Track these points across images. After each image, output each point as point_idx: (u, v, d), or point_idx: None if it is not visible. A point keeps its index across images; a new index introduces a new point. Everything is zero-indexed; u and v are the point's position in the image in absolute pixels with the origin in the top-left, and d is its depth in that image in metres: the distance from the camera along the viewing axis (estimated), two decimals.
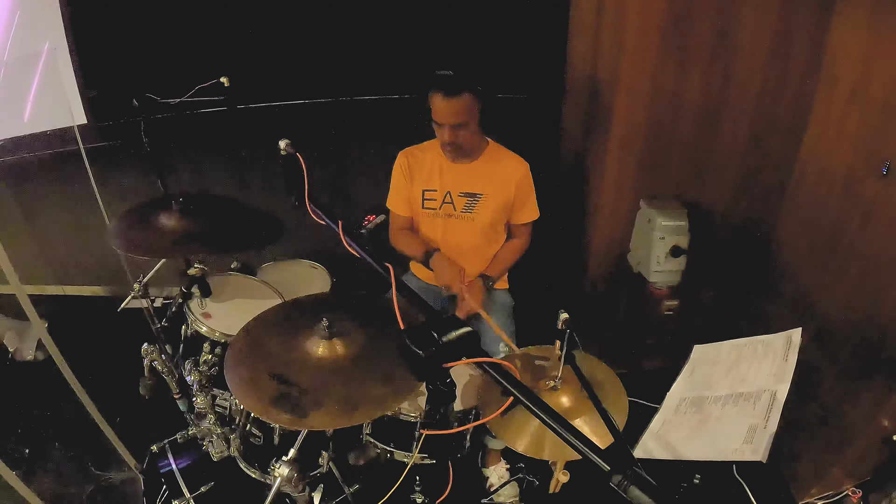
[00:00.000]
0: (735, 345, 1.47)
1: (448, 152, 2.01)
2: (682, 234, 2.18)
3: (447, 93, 1.85)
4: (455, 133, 1.92)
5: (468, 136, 1.95)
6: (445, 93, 1.85)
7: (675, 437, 1.31)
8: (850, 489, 1.93)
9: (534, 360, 1.59)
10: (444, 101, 1.86)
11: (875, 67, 1.81)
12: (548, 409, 0.86)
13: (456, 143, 1.94)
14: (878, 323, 1.81)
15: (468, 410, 1.64)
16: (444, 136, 1.93)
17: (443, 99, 1.86)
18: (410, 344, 0.93)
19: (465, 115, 1.89)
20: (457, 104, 1.87)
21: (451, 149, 1.98)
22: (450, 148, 1.97)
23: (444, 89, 1.85)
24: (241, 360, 1.39)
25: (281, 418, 1.24)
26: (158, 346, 1.93)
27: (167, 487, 1.92)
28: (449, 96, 1.85)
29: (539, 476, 2.11)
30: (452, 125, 1.90)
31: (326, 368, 1.35)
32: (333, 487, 1.74)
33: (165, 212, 1.79)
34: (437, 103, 1.88)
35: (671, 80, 2.10)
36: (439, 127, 1.93)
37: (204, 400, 1.73)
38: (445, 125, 1.91)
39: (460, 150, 1.99)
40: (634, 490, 0.74)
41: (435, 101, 1.88)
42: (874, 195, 1.82)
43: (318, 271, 2.26)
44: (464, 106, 1.88)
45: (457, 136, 1.93)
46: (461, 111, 1.88)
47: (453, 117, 1.89)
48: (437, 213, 2.10)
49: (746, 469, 2.04)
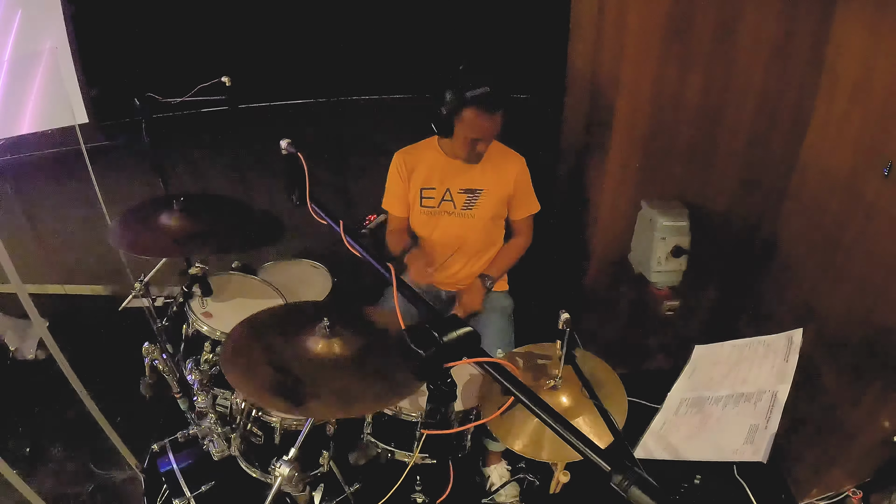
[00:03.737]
0: (736, 345, 1.47)
1: (471, 159, 2.01)
2: (684, 234, 2.18)
3: (489, 110, 1.84)
4: (487, 145, 1.95)
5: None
6: (487, 110, 1.84)
7: (676, 438, 1.31)
8: (851, 490, 1.93)
9: (534, 358, 1.59)
10: (487, 118, 1.85)
11: (876, 67, 1.80)
12: (548, 408, 0.86)
13: (484, 152, 1.96)
14: (879, 323, 1.81)
15: (468, 410, 1.64)
16: (481, 148, 1.94)
17: (485, 116, 1.85)
18: (411, 344, 0.93)
19: (500, 128, 1.91)
20: (497, 120, 1.88)
21: (477, 159, 1.99)
22: (477, 158, 1.99)
23: (485, 107, 1.84)
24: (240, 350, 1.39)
25: (277, 405, 1.24)
26: (159, 345, 1.93)
27: (168, 486, 1.92)
28: (491, 113, 1.85)
29: (539, 476, 2.11)
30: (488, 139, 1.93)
31: (325, 364, 1.36)
32: (334, 487, 1.74)
33: (166, 211, 1.79)
34: (476, 120, 1.86)
35: (672, 80, 2.10)
36: (474, 142, 1.92)
37: (205, 399, 1.73)
38: (482, 140, 1.92)
39: (481, 156, 2.01)
40: (635, 490, 0.74)
41: (472, 117, 1.85)
42: (875, 195, 1.82)
43: (319, 271, 2.26)
44: (501, 120, 1.89)
45: (487, 147, 1.95)
46: (499, 125, 1.90)
47: (493, 132, 1.91)
48: (436, 212, 2.10)
49: (747, 469, 2.04)
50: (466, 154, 1.98)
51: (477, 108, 1.84)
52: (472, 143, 1.93)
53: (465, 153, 1.98)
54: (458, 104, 1.84)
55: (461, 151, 1.98)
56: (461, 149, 1.97)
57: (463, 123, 1.88)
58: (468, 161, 2.02)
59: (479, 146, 1.94)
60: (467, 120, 1.86)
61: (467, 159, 2.01)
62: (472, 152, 1.97)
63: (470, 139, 1.92)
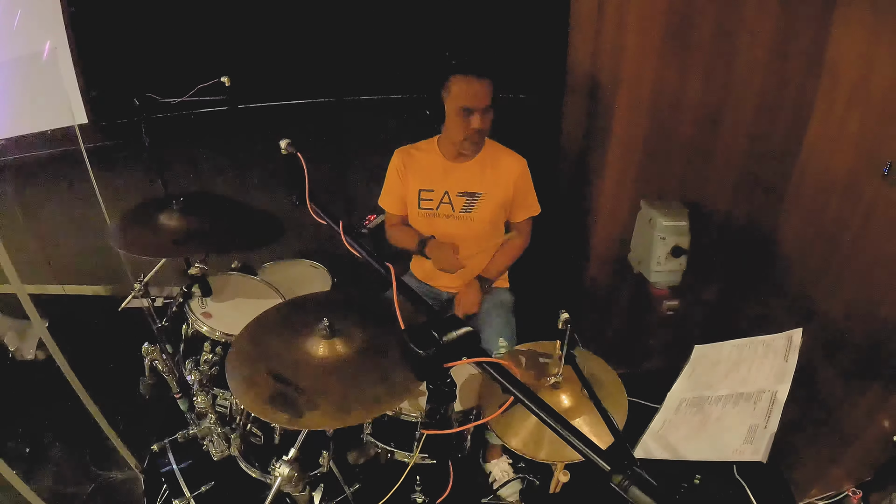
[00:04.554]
0: (736, 345, 1.47)
1: (471, 145, 1.95)
2: (683, 234, 2.18)
3: (478, 74, 1.79)
4: (485, 118, 1.87)
5: (490, 123, 1.91)
6: (477, 74, 1.79)
7: (676, 438, 1.31)
8: (851, 490, 1.92)
9: (534, 357, 1.59)
10: (477, 81, 1.80)
11: (876, 68, 1.81)
12: (548, 408, 0.86)
13: (484, 129, 1.89)
14: (879, 323, 1.81)
15: (468, 410, 1.64)
16: (475, 122, 1.86)
17: (475, 80, 1.79)
18: (411, 343, 0.93)
19: (491, 97, 1.84)
20: (486, 85, 1.82)
21: (477, 138, 1.92)
22: (476, 138, 1.92)
23: (473, 71, 1.79)
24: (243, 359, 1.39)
25: (278, 418, 1.24)
26: (159, 345, 1.93)
27: (167, 487, 1.92)
28: (480, 77, 1.80)
29: (539, 475, 2.11)
30: (483, 109, 1.85)
31: (325, 367, 1.35)
32: (334, 487, 1.74)
33: (166, 211, 1.79)
34: (466, 86, 1.81)
35: (672, 80, 2.10)
36: (468, 114, 1.86)
37: (204, 399, 1.73)
38: (476, 110, 1.85)
39: (482, 140, 1.95)
40: (635, 490, 0.74)
41: (462, 84, 1.80)
42: (875, 195, 1.82)
43: (319, 271, 2.26)
44: (491, 87, 1.83)
45: (486, 121, 1.88)
46: (490, 92, 1.84)
47: (485, 98, 1.84)
48: (435, 214, 2.09)
49: (747, 469, 2.03)
50: (463, 135, 1.91)
51: (468, 74, 1.80)
52: (466, 118, 1.86)
53: (461, 133, 1.91)
54: (444, 74, 1.82)
55: (458, 133, 1.91)
56: (456, 129, 1.90)
57: (452, 95, 1.84)
58: (466, 149, 1.98)
59: (473, 121, 1.86)
60: (455, 90, 1.83)
61: (465, 145, 1.95)
62: (468, 130, 1.89)
63: (462, 110, 1.86)
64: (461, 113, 1.88)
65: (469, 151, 2.01)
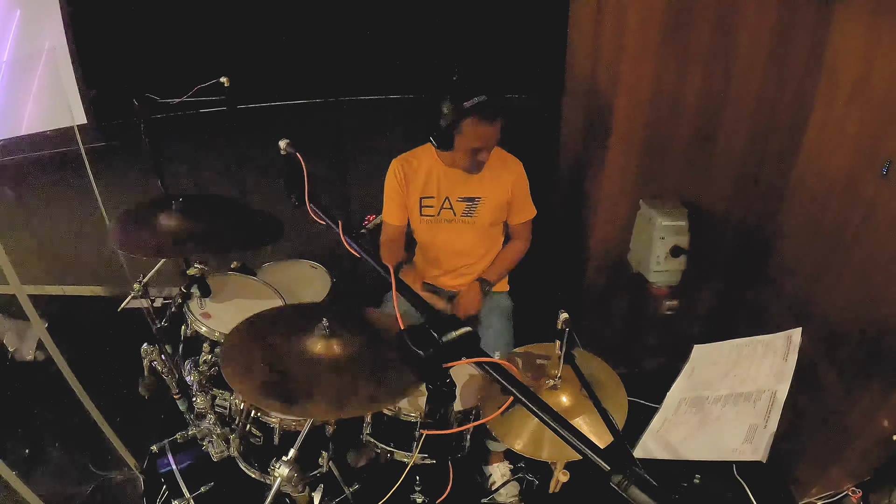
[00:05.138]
0: (735, 345, 1.47)
1: (473, 169, 2.00)
2: (682, 234, 2.18)
3: (489, 118, 1.84)
4: (489, 153, 1.94)
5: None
6: (487, 119, 1.84)
7: (675, 437, 1.31)
8: (850, 489, 1.93)
9: (534, 358, 1.59)
10: (487, 126, 1.85)
11: (875, 67, 1.81)
12: (547, 408, 0.86)
13: (485, 161, 1.96)
14: (878, 323, 1.81)
15: (468, 410, 1.64)
16: (482, 157, 1.94)
17: (485, 125, 1.85)
18: (410, 344, 0.93)
19: (499, 135, 1.91)
20: (497, 128, 1.88)
21: (478, 167, 1.98)
22: (481, 167, 1.98)
23: (487, 117, 1.84)
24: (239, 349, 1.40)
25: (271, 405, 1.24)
26: (158, 346, 1.93)
27: (167, 487, 1.92)
28: (492, 122, 1.85)
29: (539, 476, 2.11)
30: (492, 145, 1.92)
31: (322, 363, 1.35)
32: (333, 487, 1.74)
33: (165, 212, 1.79)
34: (479, 130, 1.85)
35: (671, 80, 2.10)
36: (476, 151, 1.91)
37: (204, 400, 1.73)
38: (486, 149, 1.92)
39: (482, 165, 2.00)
40: (634, 490, 0.74)
41: (475, 127, 1.85)
42: (874, 195, 1.82)
43: (318, 271, 2.26)
44: (500, 127, 1.89)
45: (489, 155, 1.95)
46: (499, 133, 1.90)
47: (496, 137, 1.91)
48: (437, 220, 2.10)
49: (746, 469, 2.04)
50: (469, 165, 1.96)
51: (476, 118, 1.83)
52: (474, 154, 1.92)
53: (468, 164, 1.96)
54: (457, 117, 1.83)
55: (463, 162, 1.96)
56: (463, 160, 1.95)
57: (463, 135, 1.86)
58: (470, 171, 2.01)
59: (480, 155, 1.93)
60: (467, 131, 1.85)
61: (469, 169, 1.99)
62: (474, 162, 1.95)
63: (472, 149, 1.91)
64: (471, 152, 1.92)
65: (472, 172, 2.03)
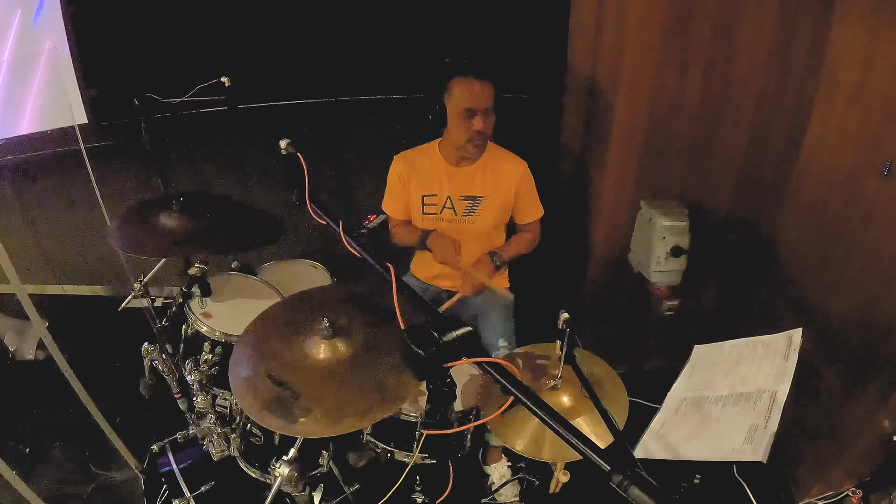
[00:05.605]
0: (735, 345, 1.47)
1: (473, 147, 1.95)
2: (683, 234, 2.18)
3: (480, 75, 1.80)
4: (487, 121, 1.88)
5: (492, 127, 1.91)
6: (478, 75, 1.80)
7: (676, 438, 1.31)
8: (851, 489, 1.93)
9: (534, 358, 1.59)
10: (478, 83, 1.80)
11: (875, 67, 1.81)
12: (548, 408, 0.86)
13: (486, 132, 1.89)
14: (879, 323, 1.81)
15: (468, 410, 1.64)
16: (477, 124, 1.87)
17: (476, 82, 1.80)
18: (411, 344, 0.93)
19: (492, 100, 1.85)
20: (488, 86, 1.83)
21: (479, 141, 1.92)
22: (478, 140, 1.92)
23: (476, 72, 1.79)
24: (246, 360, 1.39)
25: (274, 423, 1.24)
26: (159, 345, 1.93)
27: (167, 487, 1.92)
28: (481, 78, 1.81)
29: (539, 476, 2.11)
30: (485, 110, 1.86)
31: (323, 370, 1.34)
32: (333, 487, 1.74)
33: (166, 211, 1.79)
34: (469, 88, 1.81)
35: (672, 80, 2.10)
36: (470, 116, 1.86)
37: (204, 399, 1.73)
38: (479, 111, 1.85)
39: (484, 143, 1.94)
40: (635, 490, 0.74)
41: (464, 85, 1.81)
42: (875, 195, 1.82)
43: (319, 271, 2.25)
44: (492, 90, 1.84)
45: (488, 123, 1.88)
46: (491, 94, 1.84)
47: (487, 100, 1.84)
48: (438, 218, 2.09)
49: (747, 469, 2.04)
50: (465, 137, 1.90)
51: (470, 76, 1.81)
52: (468, 120, 1.86)
53: (464, 135, 1.90)
54: (445, 77, 1.82)
55: (460, 135, 1.91)
56: (459, 132, 1.90)
57: (453, 97, 1.84)
58: (468, 152, 1.97)
59: (475, 123, 1.86)
60: (457, 92, 1.83)
61: (467, 147, 1.94)
62: (471, 132, 1.88)
63: (464, 112, 1.86)
64: (463, 115, 1.88)
65: (471, 154, 2.00)
